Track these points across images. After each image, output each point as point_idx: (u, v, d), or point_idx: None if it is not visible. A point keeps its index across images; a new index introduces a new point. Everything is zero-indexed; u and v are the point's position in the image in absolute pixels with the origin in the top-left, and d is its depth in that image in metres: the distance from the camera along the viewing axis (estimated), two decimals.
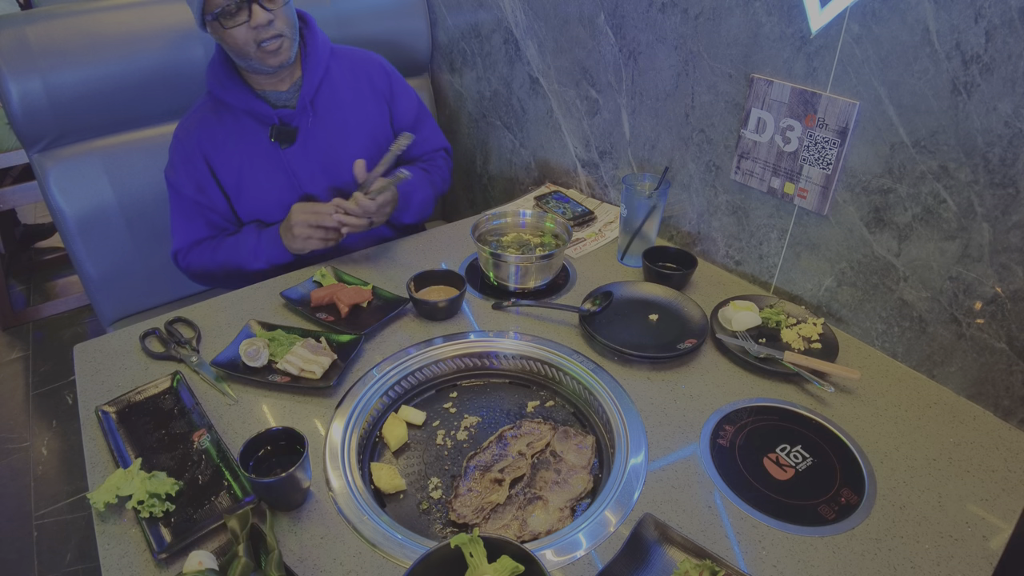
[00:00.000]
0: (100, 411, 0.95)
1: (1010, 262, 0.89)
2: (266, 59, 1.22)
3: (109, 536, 0.79)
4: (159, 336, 1.12)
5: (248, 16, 1.16)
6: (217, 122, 1.31)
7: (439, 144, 1.56)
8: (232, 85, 1.28)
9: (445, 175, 1.56)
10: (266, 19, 1.18)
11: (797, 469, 0.88)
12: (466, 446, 0.97)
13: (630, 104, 1.40)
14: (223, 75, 1.29)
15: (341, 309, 1.17)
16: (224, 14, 1.16)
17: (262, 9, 1.17)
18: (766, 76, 1.10)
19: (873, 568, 0.75)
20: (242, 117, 1.31)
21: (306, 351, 1.03)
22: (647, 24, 1.29)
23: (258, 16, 1.17)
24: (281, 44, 1.22)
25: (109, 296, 1.56)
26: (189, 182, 1.32)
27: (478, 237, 1.25)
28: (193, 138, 1.31)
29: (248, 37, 1.18)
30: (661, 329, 1.13)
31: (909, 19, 0.89)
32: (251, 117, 1.31)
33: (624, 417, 0.95)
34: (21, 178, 2.60)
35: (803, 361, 1.02)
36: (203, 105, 1.33)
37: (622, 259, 1.34)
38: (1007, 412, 0.95)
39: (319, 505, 0.83)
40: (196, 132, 1.31)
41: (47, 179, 1.43)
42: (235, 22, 1.17)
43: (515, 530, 0.82)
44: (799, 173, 1.10)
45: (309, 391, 1.00)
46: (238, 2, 1.15)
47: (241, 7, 1.16)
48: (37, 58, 1.35)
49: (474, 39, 1.81)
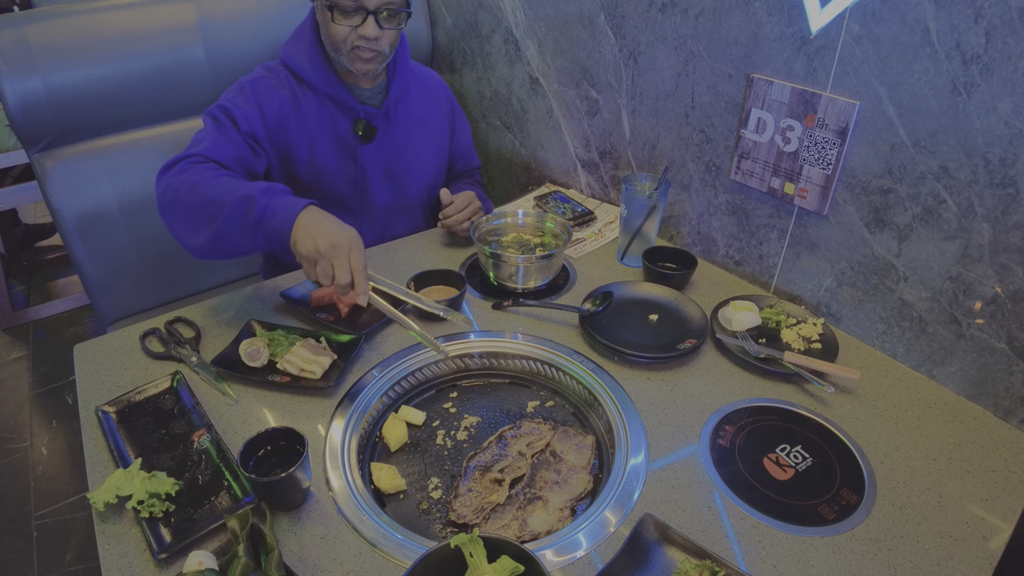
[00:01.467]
0: (100, 411, 0.95)
1: (1010, 262, 0.89)
2: (355, 63, 1.23)
3: (109, 536, 0.79)
4: (159, 336, 1.12)
5: (360, 23, 1.18)
6: (301, 96, 1.29)
7: (477, 164, 1.65)
8: (323, 69, 1.27)
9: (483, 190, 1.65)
10: (374, 34, 1.19)
11: (797, 469, 0.88)
12: (466, 446, 0.97)
13: (630, 104, 1.40)
14: (315, 56, 1.27)
15: (341, 309, 1.17)
16: (339, 8, 1.16)
17: (376, 25, 1.18)
18: (766, 76, 1.10)
19: (873, 568, 0.75)
20: (326, 102, 1.30)
21: (306, 351, 1.03)
22: (647, 24, 1.29)
23: (368, 28, 1.18)
24: (375, 58, 1.23)
25: (109, 296, 1.56)
26: (247, 124, 1.22)
27: (478, 237, 1.25)
28: (277, 94, 1.27)
29: (349, 38, 1.19)
30: (661, 329, 1.13)
31: (909, 19, 0.89)
32: (335, 105, 1.31)
33: (624, 417, 0.95)
34: (21, 178, 2.60)
35: (803, 361, 1.02)
36: (277, 72, 1.29)
37: (622, 259, 1.34)
38: (1007, 412, 0.95)
39: (319, 505, 0.83)
40: (280, 92, 1.27)
41: (47, 179, 1.43)
42: (346, 21, 1.18)
43: (515, 530, 0.82)
44: (799, 173, 1.10)
45: (309, 391, 1.00)
46: (357, 7, 1.16)
47: (358, 12, 1.17)
48: (37, 58, 1.35)
49: (474, 39, 1.81)
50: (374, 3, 1.17)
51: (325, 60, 1.28)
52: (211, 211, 1.03)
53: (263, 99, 1.26)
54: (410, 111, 1.41)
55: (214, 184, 1.07)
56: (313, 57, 1.27)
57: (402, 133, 1.40)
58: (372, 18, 1.17)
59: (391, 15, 1.20)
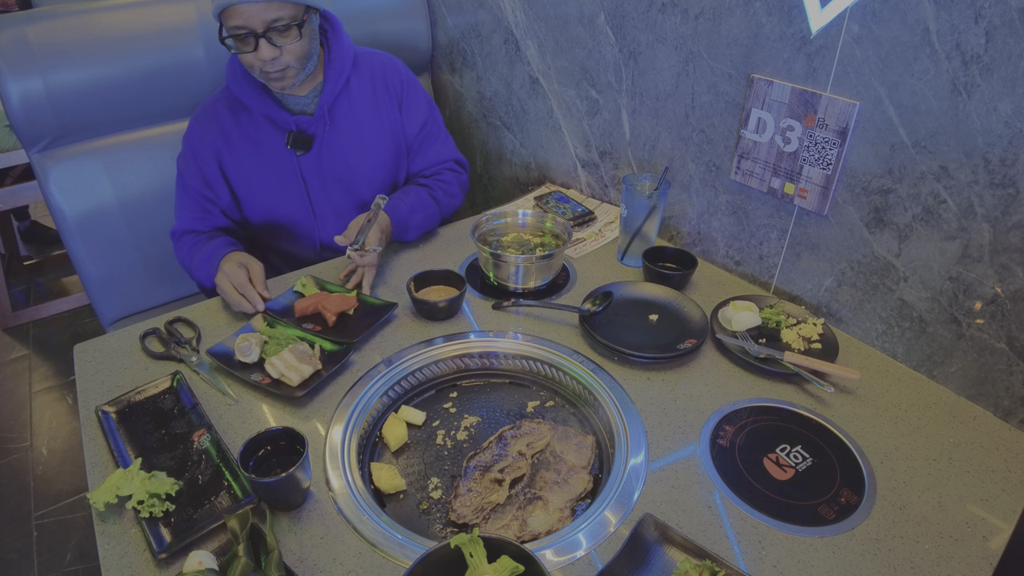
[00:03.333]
0: (100, 411, 0.95)
1: (1010, 262, 0.89)
2: (270, 83, 1.22)
3: (109, 536, 0.79)
4: (159, 336, 1.12)
5: (254, 48, 1.15)
6: (234, 120, 1.30)
7: (446, 156, 1.49)
8: (251, 87, 1.27)
9: (453, 189, 1.47)
10: (271, 55, 1.16)
11: (797, 469, 0.88)
12: (466, 446, 0.97)
13: (630, 104, 1.40)
14: (241, 76, 1.27)
15: (328, 318, 1.13)
16: (233, 38, 1.15)
17: (270, 45, 1.15)
18: (766, 76, 1.10)
19: (873, 568, 0.75)
20: (259, 119, 1.30)
21: (292, 356, 1.02)
22: (647, 24, 1.29)
23: (263, 51, 1.15)
24: (285, 74, 1.20)
25: (109, 296, 1.56)
26: (197, 175, 1.32)
27: (478, 237, 1.25)
28: (208, 134, 1.30)
29: (253, 63, 1.18)
30: (661, 329, 1.13)
31: (909, 19, 0.89)
32: (268, 121, 1.30)
33: (624, 417, 0.95)
34: (21, 178, 2.60)
35: (803, 361, 1.02)
36: (220, 99, 1.32)
37: (622, 259, 1.34)
38: (1007, 412, 0.95)
39: (319, 505, 0.83)
40: (211, 129, 1.30)
41: (47, 179, 1.43)
42: (243, 48, 1.16)
43: (515, 530, 0.82)
44: (799, 173, 1.10)
45: (281, 397, 0.99)
46: (246, 33, 1.13)
47: (249, 38, 1.14)
48: (37, 58, 1.35)
49: (474, 39, 1.81)
50: (259, 25, 1.12)
51: (255, 80, 1.27)
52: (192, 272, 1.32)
53: (196, 149, 1.31)
54: (351, 109, 1.34)
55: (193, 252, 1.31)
56: (240, 77, 1.27)
57: (345, 134, 1.35)
58: (263, 41, 1.14)
59: (282, 32, 1.15)
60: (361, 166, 1.38)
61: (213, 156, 1.31)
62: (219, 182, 1.33)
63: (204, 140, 1.31)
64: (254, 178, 1.33)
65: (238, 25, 1.12)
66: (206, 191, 1.33)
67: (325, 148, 1.34)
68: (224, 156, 1.31)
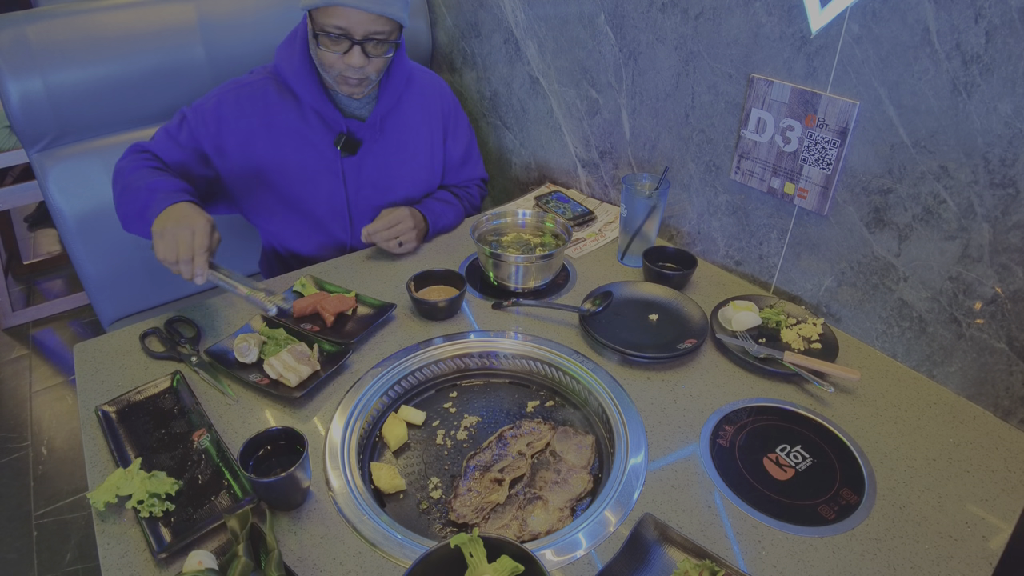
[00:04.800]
0: (100, 411, 0.95)
1: (1010, 262, 0.89)
2: (341, 86, 1.23)
3: (109, 536, 0.79)
4: (159, 336, 1.12)
5: (346, 51, 1.15)
6: (281, 104, 1.28)
7: (476, 175, 1.58)
8: (308, 80, 1.25)
9: (476, 202, 1.59)
10: (360, 63, 1.16)
11: (797, 469, 0.88)
12: (466, 446, 0.97)
13: (630, 104, 1.40)
14: (300, 66, 1.24)
15: (326, 318, 1.13)
16: (326, 34, 1.14)
17: (362, 54, 1.16)
18: (766, 76, 1.10)
19: (873, 568, 0.75)
20: (308, 111, 1.29)
21: (290, 357, 1.02)
22: (647, 24, 1.29)
23: (354, 58, 1.15)
24: (362, 83, 1.22)
25: (109, 296, 1.56)
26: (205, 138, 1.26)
27: (478, 237, 1.25)
28: (247, 114, 1.27)
29: (336, 64, 1.17)
30: (661, 329, 1.13)
31: (909, 19, 0.89)
32: (317, 116, 1.29)
33: (624, 417, 0.95)
34: (21, 178, 2.60)
35: (803, 361, 1.02)
36: (268, 80, 1.29)
37: (622, 259, 1.34)
38: (1007, 412, 0.95)
39: (319, 505, 0.83)
40: (254, 109, 1.27)
41: (47, 179, 1.43)
42: (331, 47, 1.16)
43: (515, 530, 0.82)
44: (799, 173, 1.10)
45: (279, 398, 0.99)
46: (343, 36, 1.13)
47: (342, 40, 1.14)
48: (37, 58, 1.35)
49: (474, 39, 1.81)
50: (360, 33, 1.14)
51: (313, 71, 1.25)
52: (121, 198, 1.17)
53: (229, 117, 1.26)
54: (401, 122, 1.38)
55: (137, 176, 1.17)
56: (301, 67, 1.25)
57: (391, 145, 1.37)
58: (358, 48, 1.15)
59: (378, 44, 1.17)
60: (401, 178, 1.41)
61: (239, 136, 1.27)
62: (215, 159, 1.28)
63: (241, 116, 1.27)
64: (288, 166, 1.32)
65: (339, 25, 1.12)
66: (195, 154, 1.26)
67: (370, 155, 1.35)
68: (258, 137, 1.28)
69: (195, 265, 1.01)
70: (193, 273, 1.01)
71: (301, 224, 1.40)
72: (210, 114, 1.26)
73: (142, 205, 1.10)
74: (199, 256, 1.01)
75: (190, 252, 1.00)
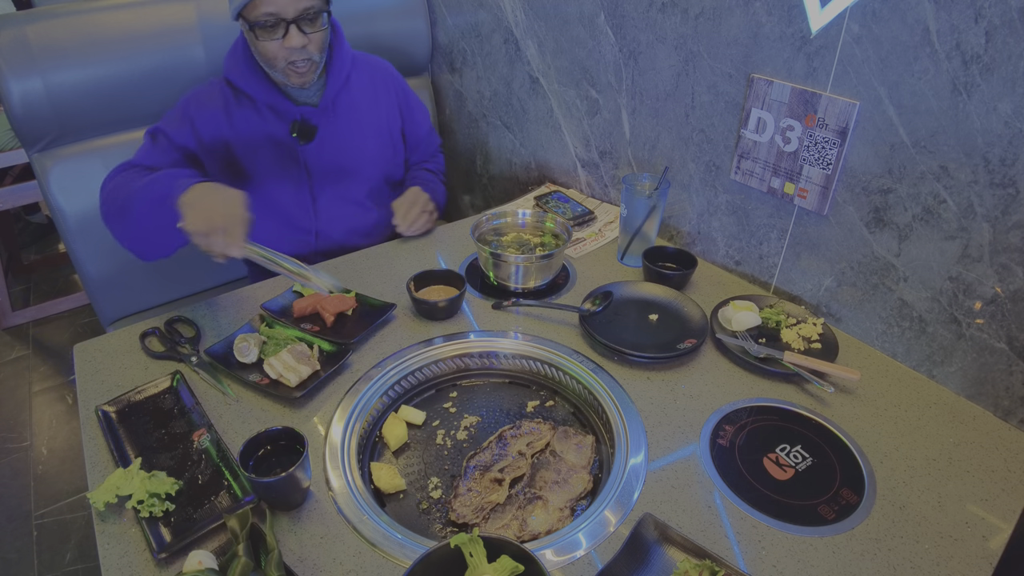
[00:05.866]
0: (100, 411, 0.95)
1: (1010, 262, 0.89)
2: (290, 77, 1.24)
3: (109, 536, 0.79)
4: (159, 336, 1.12)
5: (283, 35, 1.17)
6: (237, 107, 1.30)
7: (437, 142, 1.65)
8: (255, 78, 1.28)
9: (443, 167, 1.67)
10: (300, 43, 1.18)
11: (797, 469, 0.88)
12: (466, 446, 0.97)
13: (630, 104, 1.40)
14: (245, 67, 1.28)
15: (326, 319, 1.13)
16: (259, 25, 1.16)
17: (299, 32, 1.17)
18: (766, 76, 1.10)
19: (873, 568, 0.75)
20: (263, 108, 1.31)
21: (290, 357, 1.02)
22: (647, 24, 1.29)
23: (293, 39, 1.17)
24: (309, 67, 1.24)
25: (109, 296, 1.56)
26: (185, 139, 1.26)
27: (478, 237, 1.25)
28: (212, 111, 1.29)
29: (278, 53, 1.19)
30: (661, 329, 1.13)
31: (909, 19, 0.89)
32: (272, 110, 1.31)
33: (624, 417, 0.95)
34: (21, 178, 2.60)
35: (803, 361, 1.02)
36: (219, 89, 1.31)
37: (622, 259, 1.34)
38: (1007, 412, 0.95)
39: (319, 505, 0.83)
40: (215, 107, 1.29)
41: (47, 179, 1.43)
42: (269, 36, 1.17)
43: (515, 530, 0.82)
44: (799, 173, 1.10)
45: (280, 398, 0.99)
46: (276, 21, 1.15)
47: (278, 25, 1.16)
48: (37, 58, 1.35)
49: (474, 39, 1.81)
50: (292, 12, 1.15)
51: (258, 69, 1.28)
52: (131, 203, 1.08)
53: (195, 115, 1.28)
54: (353, 102, 1.39)
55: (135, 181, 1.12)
56: (247, 68, 1.28)
57: (347, 126, 1.39)
58: (294, 27, 1.17)
59: (311, 19, 1.18)
60: (361, 158, 1.43)
61: (211, 130, 1.28)
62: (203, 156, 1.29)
63: (204, 112, 1.28)
64: (258, 161, 1.33)
65: (269, 12, 1.14)
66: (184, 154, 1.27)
67: (328, 139, 1.36)
68: (227, 135, 1.30)
69: (232, 236, 0.95)
70: (228, 245, 0.95)
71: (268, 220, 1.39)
72: (181, 117, 1.28)
73: (162, 193, 1.04)
74: (237, 226, 0.96)
75: (225, 221, 0.95)
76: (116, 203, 1.13)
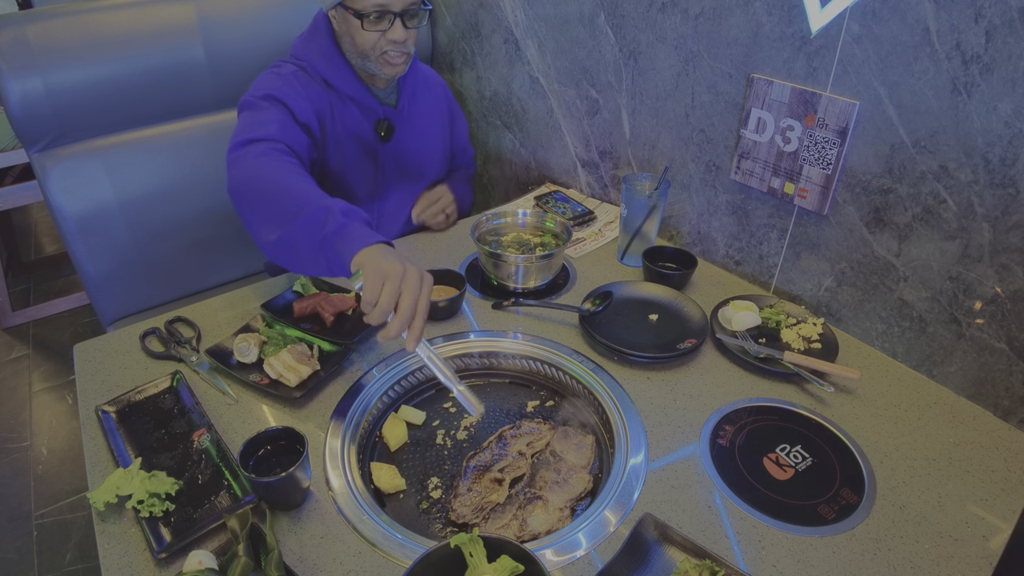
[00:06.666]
0: (100, 411, 0.95)
1: (1010, 262, 0.89)
2: (384, 68, 1.24)
3: (109, 536, 0.79)
4: (159, 336, 1.12)
5: (388, 27, 1.19)
6: (335, 98, 1.29)
7: (472, 152, 1.69)
8: (343, 69, 1.28)
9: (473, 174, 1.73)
10: (403, 36, 1.20)
11: (797, 469, 0.88)
12: (466, 446, 0.97)
13: (630, 104, 1.40)
14: (333, 57, 1.27)
15: (326, 319, 1.13)
16: (366, 15, 1.17)
17: (403, 27, 1.19)
18: (766, 76, 1.10)
19: (873, 568, 0.75)
20: (347, 102, 1.30)
21: (291, 357, 1.02)
22: (647, 24, 1.29)
23: (397, 32, 1.19)
24: (405, 60, 1.25)
25: (109, 296, 1.56)
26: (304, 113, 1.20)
27: (478, 237, 1.25)
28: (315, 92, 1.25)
29: (379, 43, 1.20)
30: (661, 329, 1.13)
31: (909, 19, 0.89)
32: (357, 106, 1.31)
33: (624, 417, 0.95)
34: (21, 178, 2.60)
35: (803, 361, 1.02)
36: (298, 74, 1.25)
37: (622, 259, 1.34)
38: (1007, 412, 0.95)
39: (319, 505, 0.83)
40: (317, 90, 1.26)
41: (47, 179, 1.43)
42: (374, 27, 1.18)
43: (515, 530, 0.82)
44: (799, 173, 1.10)
45: (280, 398, 0.99)
46: (384, 12, 1.17)
47: (384, 17, 1.17)
48: (37, 58, 1.35)
49: (474, 39, 1.81)
50: (400, 5, 1.18)
51: (344, 61, 1.28)
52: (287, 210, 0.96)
53: (309, 91, 1.24)
54: (419, 109, 1.43)
55: (293, 180, 1.00)
56: (332, 59, 1.27)
57: (415, 131, 1.42)
58: (399, 20, 1.19)
59: (414, 14, 1.21)
60: (425, 163, 1.48)
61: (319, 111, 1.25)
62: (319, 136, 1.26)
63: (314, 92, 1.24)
64: (342, 152, 1.34)
65: (379, 4, 1.16)
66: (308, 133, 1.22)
67: (401, 142, 1.40)
68: (327, 119, 1.28)
69: (414, 327, 0.85)
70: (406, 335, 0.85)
71: None
72: (298, 90, 1.21)
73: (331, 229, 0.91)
74: (421, 318, 0.85)
75: (413, 310, 0.84)
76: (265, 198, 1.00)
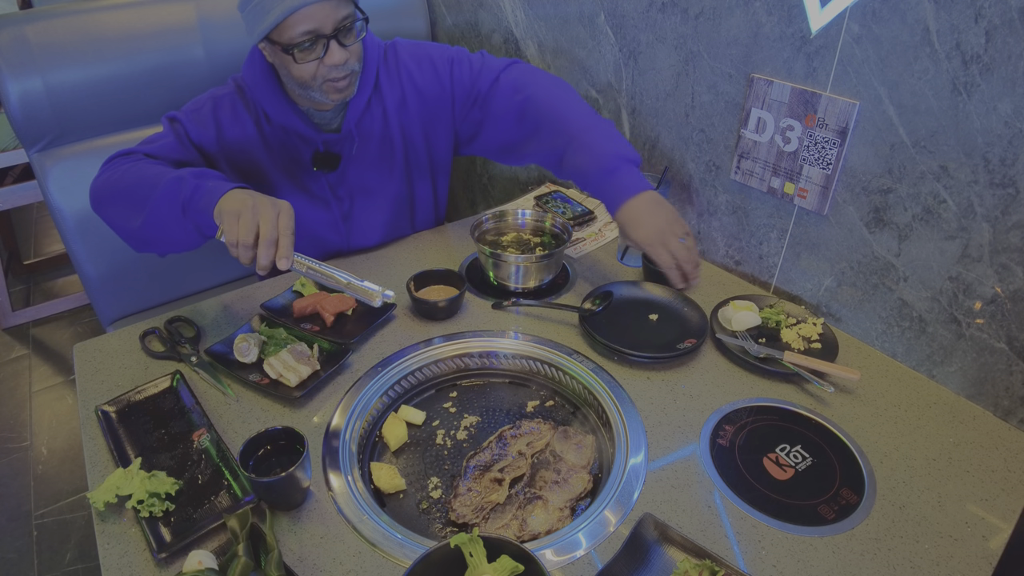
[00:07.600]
0: (100, 411, 0.95)
1: (1010, 262, 0.89)
2: (331, 95, 1.13)
3: (109, 536, 0.79)
4: (159, 336, 1.12)
5: (323, 53, 1.06)
6: (267, 126, 1.21)
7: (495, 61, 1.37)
8: (278, 100, 1.18)
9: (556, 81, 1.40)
10: (342, 58, 1.08)
11: (797, 469, 0.88)
12: (466, 446, 0.97)
13: (630, 104, 1.40)
14: (267, 87, 1.18)
15: (326, 318, 1.13)
16: (296, 47, 1.04)
17: (340, 47, 1.07)
18: (766, 76, 1.10)
19: (873, 568, 0.75)
20: (287, 132, 1.22)
21: (290, 357, 1.02)
22: (647, 24, 1.29)
23: (334, 55, 1.07)
24: (350, 81, 1.13)
25: (109, 296, 1.56)
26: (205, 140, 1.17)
27: (478, 237, 1.25)
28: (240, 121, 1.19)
29: (317, 73, 1.08)
30: (661, 329, 1.13)
31: (909, 19, 0.89)
32: (296, 136, 1.22)
33: (624, 417, 0.95)
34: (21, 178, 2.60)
35: (803, 361, 1.02)
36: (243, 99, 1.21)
37: (622, 259, 1.34)
38: (1007, 412, 0.95)
39: (319, 505, 0.83)
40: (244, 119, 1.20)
41: (47, 179, 1.43)
42: (307, 57, 1.06)
43: (515, 530, 0.82)
44: (799, 173, 1.10)
45: (280, 398, 0.99)
46: (314, 39, 1.04)
47: (316, 43, 1.05)
48: (37, 58, 1.35)
49: (474, 39, 1.81)
50: (330, 26, 1.04)
51: (281, 90, 1.18)
52: (142, 194, 1.00)
53: (225, 119, 1.19)
54: (380, 115, 1.27)
55: (148, 169, 1.04)
56: (266, 88, 1.18)
57: (374, 145, 1.28)
58: (333, 43, 1.06)
59: (348, 30, 1.08)
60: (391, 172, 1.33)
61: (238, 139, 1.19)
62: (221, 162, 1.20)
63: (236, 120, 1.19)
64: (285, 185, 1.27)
65: (307, 31, 1.03)
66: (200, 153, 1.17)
67: (355, 162, 1.28)
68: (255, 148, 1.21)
69: (281, 247, 0.89)
70: (277, 256, 0.89)
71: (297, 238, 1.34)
72: (207, 118, 1.18)
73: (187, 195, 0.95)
74: (286, 236, 0.89)
75: (275, 232, 0.88)
76: (121, 192, 1.04)
